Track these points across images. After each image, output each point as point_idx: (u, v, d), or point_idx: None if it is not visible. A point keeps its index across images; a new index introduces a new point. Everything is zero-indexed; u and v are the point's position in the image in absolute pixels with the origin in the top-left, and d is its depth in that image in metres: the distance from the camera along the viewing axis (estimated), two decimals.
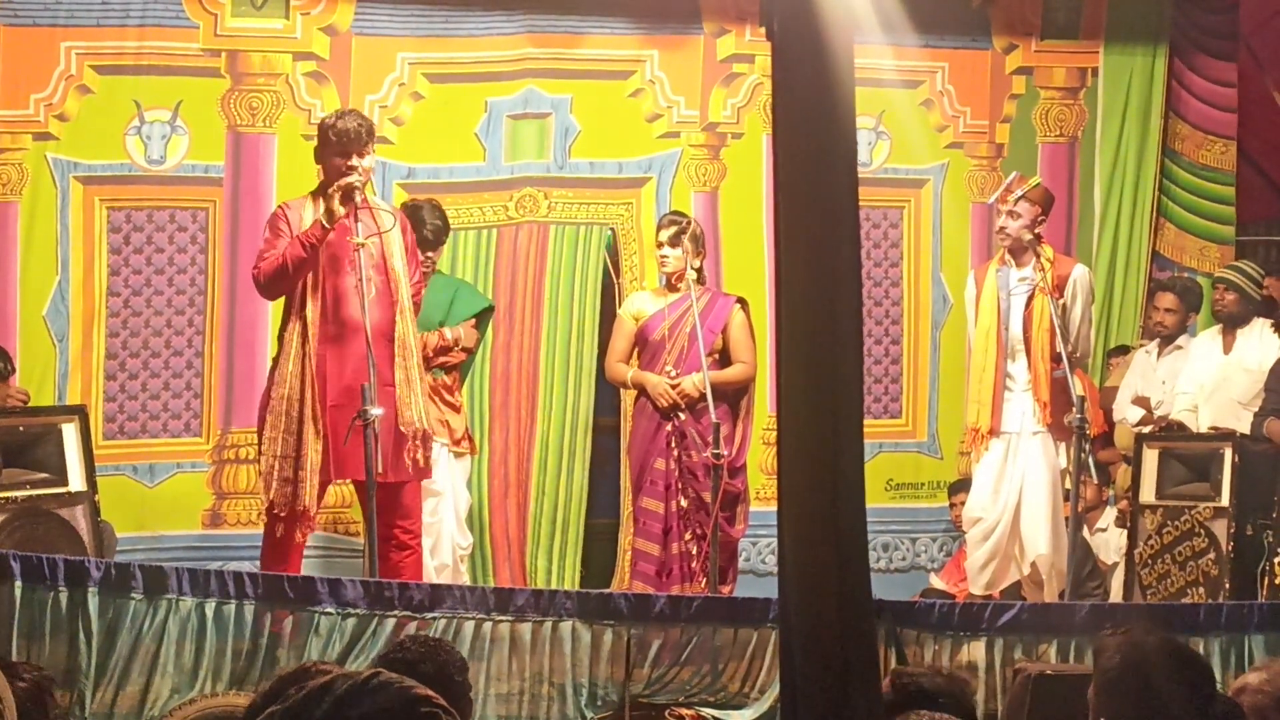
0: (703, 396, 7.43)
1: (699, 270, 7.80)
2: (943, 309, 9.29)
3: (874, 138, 9.17)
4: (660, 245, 7.78)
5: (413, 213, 7.53)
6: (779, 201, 2.86)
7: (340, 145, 6.80)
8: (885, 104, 9.10)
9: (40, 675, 3.30)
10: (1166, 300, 8.80)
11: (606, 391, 8.76)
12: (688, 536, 7.58)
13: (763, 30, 2.95)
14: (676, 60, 8.94)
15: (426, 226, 7.60)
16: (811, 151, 2.75)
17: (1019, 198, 7.83)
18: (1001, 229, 7.88)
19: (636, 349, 7.85)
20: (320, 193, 6.90)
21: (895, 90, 9.07)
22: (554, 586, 8.32)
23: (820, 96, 2.78)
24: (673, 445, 7.62)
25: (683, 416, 7.60)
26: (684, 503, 7.59)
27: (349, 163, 6.79)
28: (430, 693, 2.44)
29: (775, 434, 8.88)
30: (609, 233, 8.85)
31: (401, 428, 6.77)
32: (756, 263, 8.87)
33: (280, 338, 6.87)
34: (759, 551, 8.72)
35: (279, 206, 7.13)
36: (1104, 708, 3.65)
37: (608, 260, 8.86)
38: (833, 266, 2.77)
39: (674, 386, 7.63)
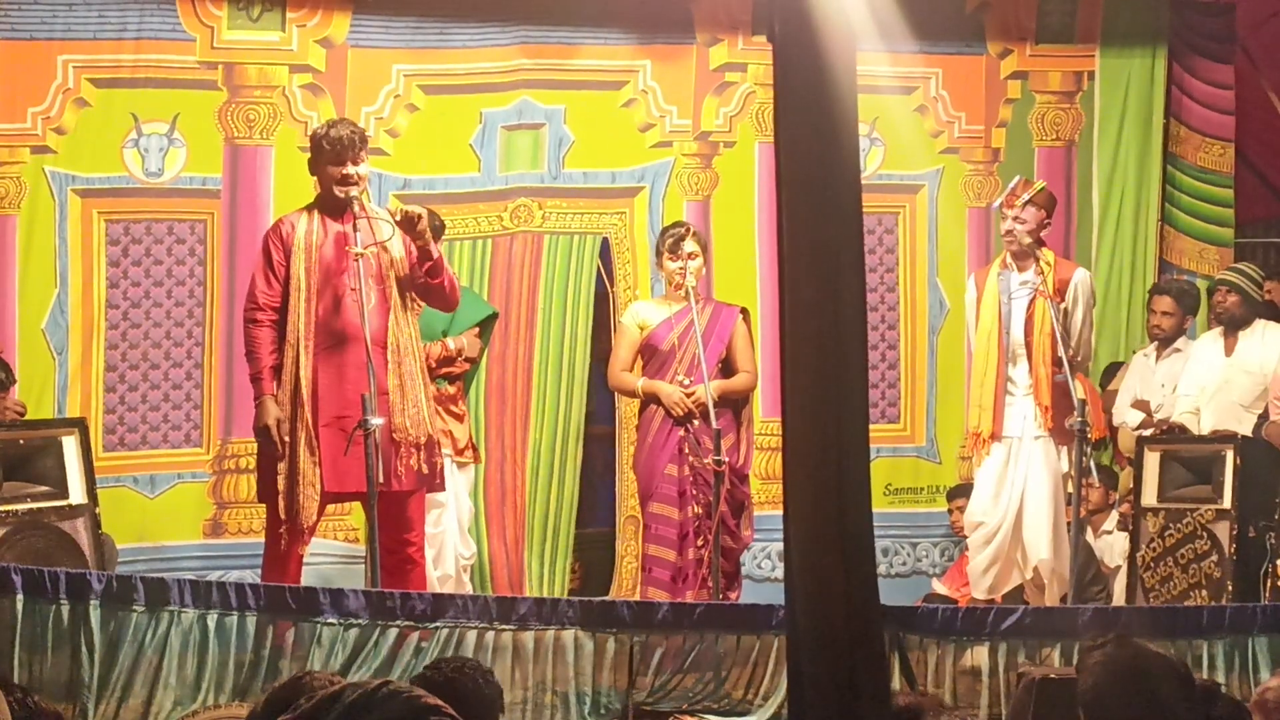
0: (714, 404, 7.41)
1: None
2: (939, 314, 9.28)
3: (868, 144, 9.14)
4: (693, 256, 7.63)
5: None
6: (782, 205, 2.86)
7: (334, 153, 6.77)
8: (879, 110, 9.07)
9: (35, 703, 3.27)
10: (1163, 303, 8.74)
11: (602, 400, 8.75)
12: (699, 544, 7.55)
13: (755, 39, 2.96)
14: (669, 70, 8.93)
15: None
16: (814, 153, 2.76)
17: (1025, 202, 7.80)
18: (1009, 233, 7.83)
19: (640, 357, 7.82)
20: (316, 204, 6.89)
21: (889, 96, 9.04)
22: (545, 593, 8.31)
23: (821, 98, 2.78)
24: (687, 451, 7.58)
25: (697, 424, 7.57)
26: (698, 510, 7.56)
27: (343, 171, 6.77)
28: (439, 701, 2.44)
29: (770, 440, 8.89)
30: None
31: (394, 435, 6.74)
32: (749, 271, 8.88)
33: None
34: (754, 557, 8.70)
35: (273, 225, 7.08)
36: None
37: (601, 269, 8.86)
38: (837, 270, 2.78)
39: (689, 395, 7.60)
